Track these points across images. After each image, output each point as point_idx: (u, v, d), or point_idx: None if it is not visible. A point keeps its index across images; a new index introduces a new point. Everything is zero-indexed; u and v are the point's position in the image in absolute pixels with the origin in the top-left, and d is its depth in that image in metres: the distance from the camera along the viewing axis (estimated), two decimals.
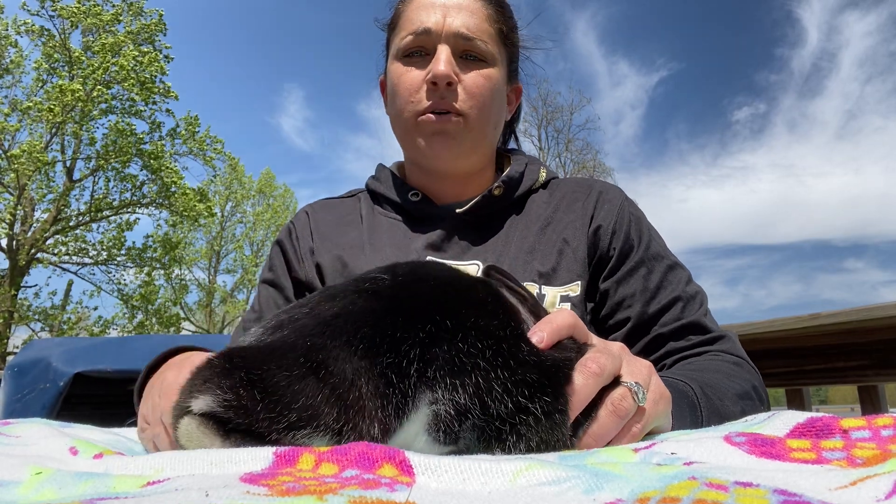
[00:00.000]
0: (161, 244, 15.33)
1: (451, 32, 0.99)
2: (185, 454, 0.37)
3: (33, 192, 13.92)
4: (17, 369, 3.64)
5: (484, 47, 1.00)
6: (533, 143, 21.13)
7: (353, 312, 0.47)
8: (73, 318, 14.90)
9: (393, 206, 1.10)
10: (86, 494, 0.31)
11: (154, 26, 14.32)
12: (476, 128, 1.01)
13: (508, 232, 1.03)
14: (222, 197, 21.95)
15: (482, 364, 0.46)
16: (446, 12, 0.99)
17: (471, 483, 0.31)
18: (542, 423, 0.47)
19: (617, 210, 1.02)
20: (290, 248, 1.10)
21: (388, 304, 0.49)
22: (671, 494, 0.27)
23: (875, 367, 2.62)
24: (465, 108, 0.99)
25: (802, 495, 0.26)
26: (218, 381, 0.43)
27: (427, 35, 0.99)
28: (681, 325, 0.92)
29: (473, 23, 1.00)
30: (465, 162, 1.06)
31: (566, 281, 0.96)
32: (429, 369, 0.46)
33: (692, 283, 0.98)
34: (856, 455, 0.35)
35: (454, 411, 0.45)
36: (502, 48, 1.05)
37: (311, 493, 0.27)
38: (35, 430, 0.56)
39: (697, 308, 0.94)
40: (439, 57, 0.97)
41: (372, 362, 0.45)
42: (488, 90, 1.01)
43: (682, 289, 0.95)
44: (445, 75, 0.96)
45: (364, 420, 0.43)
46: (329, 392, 0.43)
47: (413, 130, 1.02)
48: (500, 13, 1.05)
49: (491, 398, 0.46)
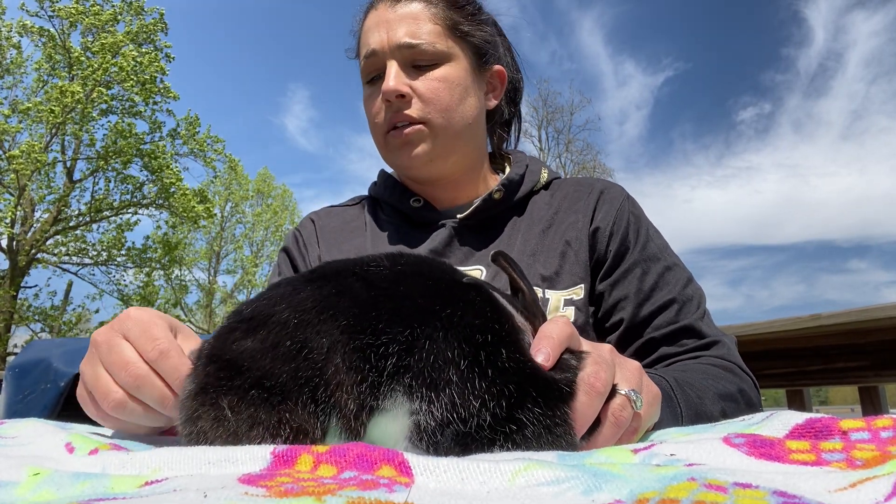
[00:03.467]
0: (161, 245, 15.33)
1: (394, 46, 0.99)
2: (182, 453, 0.37)
3: (33, 192, 13.92)
4: (18, 370, 3.64)
5: (431, 49, 1.00)
6: (533, 143, 21.16)
7: (338, 302, 0.49)
8: (73, 319, 14.90)
9: (395, 213, 1.11)
10: (83, 495, 0.31)
11: (154, 25, 14.31)
12: (441, 129, 1.00)
13: (511, 234, 1.03)
14: (222, 197, 21.95)
15: (466, 373, 0.46)
16: (388, 27, 1.00)
17: (469, 483, 0.31)
18: (543, 437, 0.47)
19: (616, 210, 1.01)
20: (298, 255, 1.11)
21: (376, 296, 0.49)
22: (670, 496, 0.27)
23: (875, 367, 2.62)
24: (424, 115, 0.99)
25: (802, 497, 0.26)
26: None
27: (375, 56, 1.01)
28: (674, 328, 0.91)
29: (415, 28, 1.00)
30: (444, 164, 1.04)
31: (569, 284, 0.96)
32: (407, 375, 0.46)
33: (692, 284, 0.97)
34: (855, 457, 0.35)
35: (434, 422, 0.46)
36: (457, 41, 1.03)
37: (309, 494, 0.27)
38: (30, 429, 0.56)
39: (694, 311, 0.93)
40: (388, 74, 0.98)
41: (350, 339, 0.47)
42: (445, 90, 1.00)
43: (679, 290, 0.94)
44: (392, 90, 0.97)
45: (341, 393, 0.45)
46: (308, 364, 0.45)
47: (385, 149, 1.05)
48: (445, 7, 1.03)
49: (470, 409, 0.46)
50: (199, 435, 0.46)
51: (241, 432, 0.44)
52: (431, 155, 1.01)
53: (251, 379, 0.45)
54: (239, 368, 0.46)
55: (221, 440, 0.45)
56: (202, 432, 0.46)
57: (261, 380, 0.45)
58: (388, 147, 1.03)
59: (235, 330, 0.49)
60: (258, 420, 0.44)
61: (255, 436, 0.44)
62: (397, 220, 1.10)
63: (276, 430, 0.44)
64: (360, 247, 1.07)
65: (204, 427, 0.46)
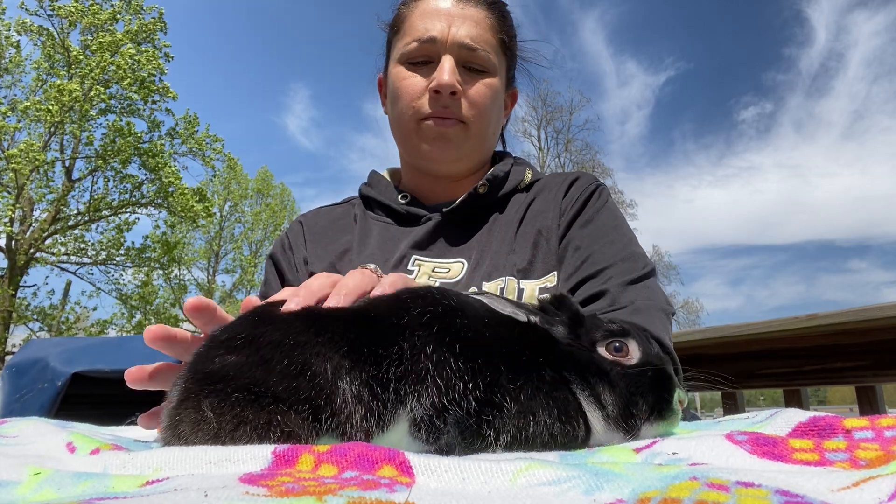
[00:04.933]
0: (160, 244, 15.31)
1: (455, 42, 0.99)
2: (184, 453, 0.37)
3: (32, 191, 13.90)
4: (15, 369, 3.64)
5: (487, 57, 1.01)
6: (533, 143, 21.13)
7: (332, 325, 0.50)
8: (71, 318, 14.88)
9: (384, 210, 1.12)
10: (85, 494, 0.30)
11: (154, 24, 14.28)
12: (476, 134, 1.03)
13: (491, 229, 1.05)
14: (221, 197, 21.92)
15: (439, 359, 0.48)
16: (451, 21, 1.00)
17: (471, 483, 0.31)
18: (519, 418, 0.49)
19: (582, 190, 1.04)
20: (284, 260, 1.12)
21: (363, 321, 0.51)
22: (672, 495, 0.27)
23: (873, 367, 2.62)
24: (468, 117, 1.01)
25: (804, 496, 0.26)
26: None
27: (432, 44, 1.00)
28: (597, 292, 0.90)
29: (477, 33, 1.01)
30: (463, 165, 1.08)
31: (542, 273, 0.97)
32: (401, 386, 0.48)
33: (643, 262, 0.95)
34: (859, 456, 0.35)
35: (430, 411, 0.47)
36: (502, 57, 1.07)
37: (310, 493, 0.27)
38: (31, 428, 0.56)
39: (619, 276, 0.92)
40: (443, 67, 0.98)
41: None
42: (490, 99, 1.03)
43: (622, 256, 0.93)
44: (450, 85, 0.97)
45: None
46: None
47: (414, 134, 1.04)
48: (502, 23, 1.06)
49: (458, 399, 0.47)
50: (179, 438, 0.45)
51: (223, 433, 0.44)
52: (461, 154, 1.04)
53: (236, 384, 0.45)
54: (223, 377, 0.46)
55: (201, 442, 0.44)
56: (181, 436, 0.45)
57: (248, 386, 0.45)
58: (421, 133, 1.03)
59: (216, 348, 0.49)
60: (244, 419, 0.44)
61: (241, 435, 0.43)
62: (385, 216, 1.11)
63: (264, 430, 0.43)
64: (348, 243, 1.08)
65: (184, 431, 0.45)
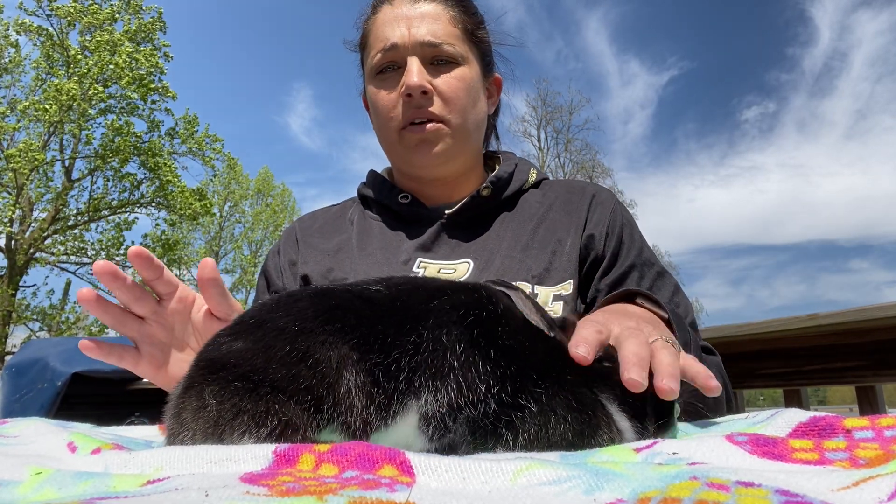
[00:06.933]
0: (160, 244, 15.30)
1: (417, 42, 1.00)
2: (184, 452, 0.37)
3: (32, 191, 13.90)
4: (15, 369, 3.64)
5: (452, 49, 1.01)
6: (532, 143, 21.12)
7: (343, 315, 0.50)
8: (71, 318, 14.87)
9: (383, 210, 1.12)
10: (86, 494, 0.31)
11: (153, 24, 14.28)
12: (458, 129, 1.02)
13: (500, 229, 1.04)
14: (221, 197, 21.93)
15: (465, 364, 0.48)
16: (409, 23, 1.00)
17: (471, 483, 0.31)
18: (539, 419, 0.49)
19: (609, 214, 1.05)
20: (272, 265, 1.12)
21: (378, 311, 0.50)
22: (672, 494, 0.27)
23: (873, 367, 2.62)
24: (444, 113, 1.00)
25: (804, 496, 0.26)
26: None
27: (395, 50, 1.01)
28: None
29: (438, 28, 1.01)
30: (454, 165, 1.07)
31: (558, 280, 0.97)
32: (415, 378, 0.47)
33: (679, 292, 1.01)
34: (859, 456, 0.35)
35: (443, 410, 0.47)
36: (471, 45, 1.06)
37: (310, 493, 0.27)
38: (32, 428, 0.56)
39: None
40: (410, 69, 0.98)
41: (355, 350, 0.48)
42: (463, 90, 1.02)
43: (668, 298, 0.98)
44: (418, 86, 0.97)
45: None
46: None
47: (397, 144, 1.04)
48: (462, 12, 1.05)
49: (477, 396, 0.48)
50: (182, 426, 0.46)
51: (223, 421, 0.44)
52: (448, 154, 1.03)
53: (237, 372, 0.46)
54: (224, 365, 0.47)
55: (202, 430, 0.45)
56: (184, 423, 0.46)
57: (248, 374, 0.45)
58: (403, 144, 1.03)
59: (226, 335, 0.50)
60: (242, 409, 0.44)
61: (240, 424, 0.44)
62: (385, 216, 1.11)
63: (261, 419, 0.44)
64: (344, 242, 1.08)
65: (186, 418, 0.46)
